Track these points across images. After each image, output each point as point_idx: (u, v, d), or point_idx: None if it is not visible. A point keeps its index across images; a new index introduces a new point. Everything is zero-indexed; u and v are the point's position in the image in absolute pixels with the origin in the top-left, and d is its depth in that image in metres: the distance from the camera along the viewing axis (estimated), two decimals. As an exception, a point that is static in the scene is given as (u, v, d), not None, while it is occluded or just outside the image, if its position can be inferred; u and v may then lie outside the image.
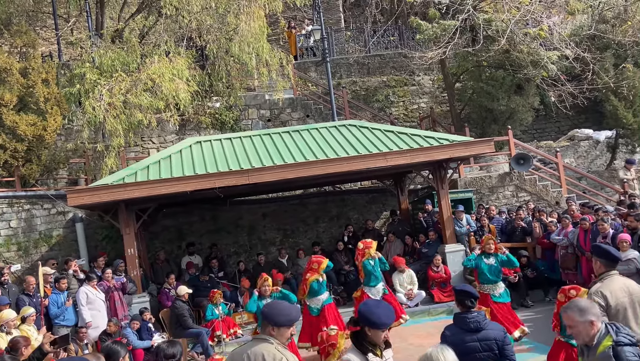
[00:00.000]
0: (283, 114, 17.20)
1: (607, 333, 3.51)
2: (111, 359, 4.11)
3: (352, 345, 3.80)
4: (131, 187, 10.15)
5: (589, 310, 3.61)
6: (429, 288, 11.76)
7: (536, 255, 12.16)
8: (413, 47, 19.50)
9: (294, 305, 4.36)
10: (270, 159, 11.11)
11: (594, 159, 17.88)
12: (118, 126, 12.49)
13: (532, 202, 14.32)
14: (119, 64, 13.77)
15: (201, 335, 9.81)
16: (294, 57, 19.43)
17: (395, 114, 19.63)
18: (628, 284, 4.57)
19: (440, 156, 11.43)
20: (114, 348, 4.29)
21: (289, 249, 14.11)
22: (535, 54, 15.45)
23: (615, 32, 17.14)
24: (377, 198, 15.69)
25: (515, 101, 16.39)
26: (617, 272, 4.66)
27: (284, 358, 3.52)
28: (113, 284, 10.17)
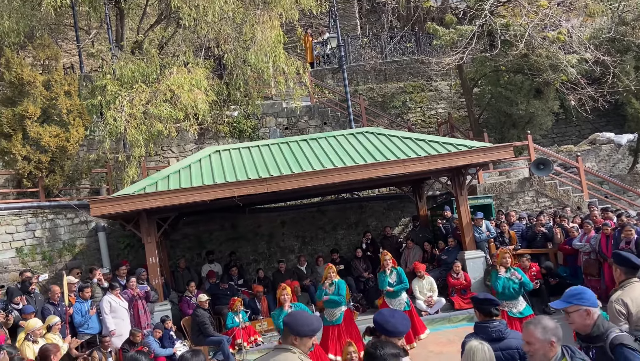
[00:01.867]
0: (300, 122, 17.30)
1: (562, 356, 3.37)
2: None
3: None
4: (152, 196, 10.29)
5: (553, 330, 3.44)
6: (449, 295, 11.70)
7: (558, 261, 12.04)
8: (430, 53, 19.50)
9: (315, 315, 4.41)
10: (288, 168, 11.18)
11: (616, 163, 17.65)
12: (139, 136, 12.67)
13: (554, 207, 14.20)
14: (139, 75, 13.97)
15: (222, 343, 9.89)
16: (311, 65, 19.55)
17: (412, 120, 19.60)
18: (650, 291, 4.52)
19: (459, 162, 11.39)
20: (138, 358, 4.37)
21: (307, 257, 14.16)
22: (554, 58, 15.32)
23: (636, 34, 16.92)
24: (395, 205, 15.68)
25: (535, 105, 16.27)
26: (637, 279, 4.62)
27: None
28: (137, 293, 10.30)
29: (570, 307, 3.72)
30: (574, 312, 3.71)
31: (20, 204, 13.05)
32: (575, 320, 3.71)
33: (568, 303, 3.73)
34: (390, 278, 9.50)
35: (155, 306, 10.71)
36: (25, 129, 13.18)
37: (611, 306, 4.55)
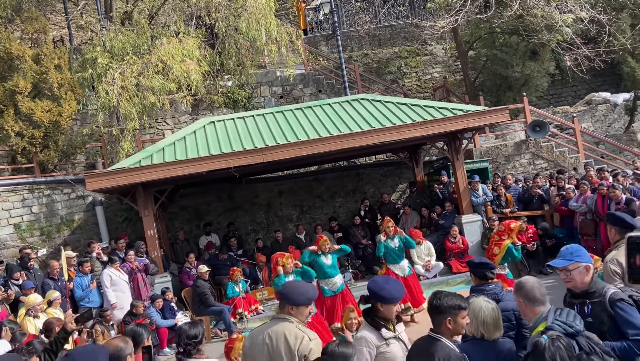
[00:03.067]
0: (295, 90, 17.14)
1: (545, 318, 3.36)
2: (136, 341, 4.23)
3: (364, 322, 3.88)
4: (148, 169, 10.26)
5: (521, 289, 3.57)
6: (447, 259, 11.80)
7: (554, 223, 12.11)
8: (424, 17, 19.20)
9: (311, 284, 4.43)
10: (283, 137, 11.12)
11: (612, 123, 17.61)
12: (132, 109, 12.57)
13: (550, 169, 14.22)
14: (130, 47, 13.79)
15: (223, 312, 10.00)
16: (304, 32, 19.27)
17: (408, 86, 19.45)
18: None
19: (455, 127, 11.34)
20: (138, 331, 4.41)
21: (306, 225, 14.21)
22: (550, 18, 15.13)
23: (632, -9, 16.70)
24: (392, 171, 15.68)
25: (530, 67, 16.14)
26: (633, 240, 4.63)
27: (305, 336, 3.58)
28: (136, 266, 10.36)
29: (571, 265, 3.75)
30: (575, 269, 3.73)
31: (16, 180, 13.00)
32: (576, 277, 3.74)
33: (569, 260, 3.76)
34: (392, 244, 9.53)
35: (156, 278, 10.79)
36: (17, 105, 13.04)
37: (606, 266, 4.58)
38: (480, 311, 3.72)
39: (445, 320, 3.43)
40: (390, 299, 3.76)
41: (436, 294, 3.57)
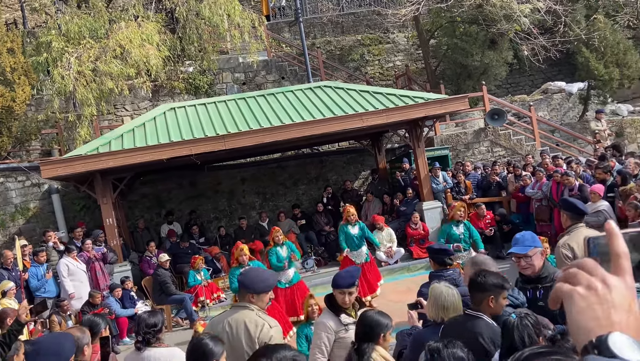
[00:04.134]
0: (258, 77, 17.01)
1: None
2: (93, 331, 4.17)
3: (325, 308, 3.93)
4: (106, 157, 10.04)
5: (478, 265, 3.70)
6: (408, 245, 11.98)
7: (511, 209, 12.42)
8: (387, 5, 19.29)
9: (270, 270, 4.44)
10: (246, 124, 11.04)
11: (567, 112, 18.11)
12: (89, 94, 12.26)
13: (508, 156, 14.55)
14: (86, 31, 13.43)
15: (184, 301, 9.92)
16: (267, 18, 19.11)
17: (370, 73, 19.53)
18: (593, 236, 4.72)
19: (416, 114, 11.47)
20: (95, 320, 4.35)
21: (269, 213, 14.19)
22: (508, 8, 15.40)
23: (587, -17, 17.13)
24: (355, 159, 15.77)
25: (489, 56, 16.41)
26: (583, 225, 4.80)
27: (266, 324, 3.58)
28: (93, 255, 10.16)
29: (531, 250, 3.87)
30: (534, 255, 3.85)
31: (-33, 168, 12.57)
32: (535, 262, 3.86)
33: (529, 247, 3.88)
34: (353, 231, 9.61)
35: (115, 267, 10.62)
36: (-33, 90, 12.56)
37: (558, 251, 4.74)
38: (441, 296, 3.80)
39: (487, 299, 3.38)
40: (335, 285, 3.84)
41: (480, 272, 3.51)
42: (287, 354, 2.25)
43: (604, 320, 0.94)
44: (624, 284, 0.96)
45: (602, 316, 0.95)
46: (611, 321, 0.94)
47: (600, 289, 0.96)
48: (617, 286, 0.96)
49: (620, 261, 0.98)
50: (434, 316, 3.85)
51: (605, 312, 0.95)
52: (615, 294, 0.95)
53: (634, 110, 18.46)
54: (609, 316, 0.94)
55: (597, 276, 0.97)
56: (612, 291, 0.95)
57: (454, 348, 2.80)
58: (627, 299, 0.96)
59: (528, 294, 3.91)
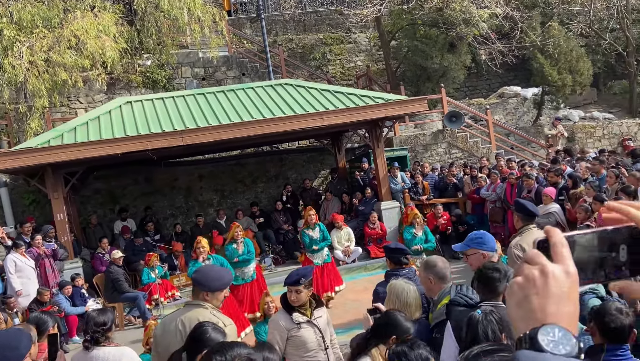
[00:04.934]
0: (218, 73, 16.80)
1: (449, 292, 3.65)
2: (40, 329, 4.02)
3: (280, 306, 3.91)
4: (57, 150, 9.72)
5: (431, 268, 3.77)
6: (366, 244, 12.05)
7: (466, 210, 12.66)
8: (349, 5, 19.37)
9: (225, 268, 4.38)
10: (205, 120, 10.88)
11: (522, 116, 18.59)
12: (41, 85, 11.86)
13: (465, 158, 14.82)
14: (40, 20, 12.98)
15: (138, 299, 9.71)
16: (228, 13, 18.87)
17: (332, 73, 19.57)
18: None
19: (376, 115, 11.54)
20: (43, 318, 4.20)
21: (227, 210, 14.04)
22: (467, 12, 15.70)
23: (542, -10, 17.62)
24: (315, 157, 15.76)
25: (448, 59, 16.69)
26: (534, 226, 4.92)
27: (220, 322, 3.53)
28: (43, 251, 9.83)
29: (468, 250, 3.95)
30: (472, 255, 3.94)
31: None
32: (473, 262, 3.95)
33: (467, 246, 3.97)
34: (313, 234, 9.61)
35: (65, 264, 10.30)
36: None
37: (510, 251, 4.85)
38: (403, 292, 3.80)
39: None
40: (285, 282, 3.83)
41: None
42: (242, 352, 2.21)
43: (538, 312, 0.93)
44: (563, 270, 0.95)
45: (537, 308, 0.94)
46: (545, 313, 0.93)
47: (537, 278, 0.95)
48: (555, 274, 0.95)
49: (557, 248, 0.97)
50: None
51: (541, 303, 0.94)
52: (552, 282, 0.94)
53: (585, 116, 19.12)
54: (544, 307, 0.93)
55: (536, 265, 0.96)
56: (549, 280, 0.94)
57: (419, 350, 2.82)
58: (565, 287, 0.94)
59: None
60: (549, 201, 8.48)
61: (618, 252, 1.04)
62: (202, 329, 3.04)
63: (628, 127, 18.34)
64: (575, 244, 1.01)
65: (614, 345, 2.92)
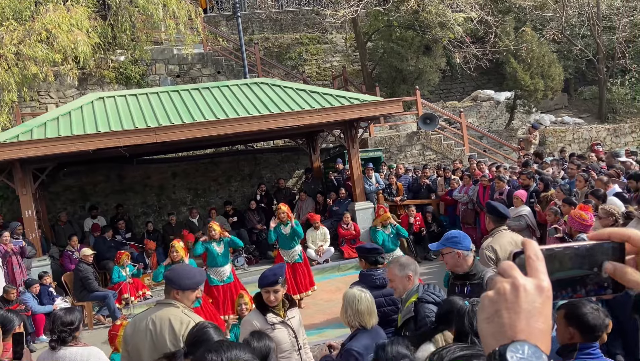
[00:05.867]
0: (193, 70, 16.64)
1: (417, 290, 3.75)
2: (5, 328, 3.91)
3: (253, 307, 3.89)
4: (26, 145, 9.51)
5: (409, 265, 3.85)
6: (339, 244, 12.08)
7: (440, 211, 12.79)
8: (326, 5, 19.39)
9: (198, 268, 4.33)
10: (179, 117, 10.77)
11: (495, 119, 18.86)
12: (10, 79, 11.59)
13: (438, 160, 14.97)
14: (10, 12, 12.69)
15: (107, 298, 9.56)
16: (204, 10, 18.73)
17: (308, 73, 19.56)
18: (516, 238, 4.93)
19: (351, 115, 11.58)
20: (8, 317, 4.08)
21: (200, 209, 13.92)
22: (443, 16, 15.87)
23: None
24: (289, 157, 15.74)
25: (424, 61, 16.83)
26: (506, 228, 4.99)
27: (191, 321, 3.49)
28: (11, 248, 9.60)
29: (444, 249, 4.00)
30: (447, 253, 4.00)
31: None
32: (448, 260, 4.02)
33: (443, 245, 4.02)
34: (284, 230, 9.58)
35: (33, 261, 10.07)
36: None
37: (482, 253, 4.91)
38: (354, 301, 3.74)
39: None
40: (259, 284, 3.82)
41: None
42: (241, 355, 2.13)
43: (508, 328, 0.90)
44: (535, 285, 0.92)
45: (507, 323, 0.90)
46: (515, 330, 0.89)
47: (508, 292, 0.91)
48: (526, 288, 0.91)
49: (531, 261, 0.94)
50: (349, 322, 3.78)
51: (511, 318, 0.90)
52: (523, 297, 0.90)
53: (556, 120, 19.49)
54: (514, 323, 0.89)
55: (508, 278, 0.93)
56: (519, 294, 0.90)
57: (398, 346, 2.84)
58: (537, 303, 0.91)
59: (456, 290, 4.05)
60: (519, 204, 8.62)
61: (600, 269, 0.99)
62: (203, 330, 3.01)
63: (597, 132, 18.77)
64: (554, 258, 0.98)
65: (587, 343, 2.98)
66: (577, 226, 5.64)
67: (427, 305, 3.61)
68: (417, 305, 3.61)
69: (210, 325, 3.12)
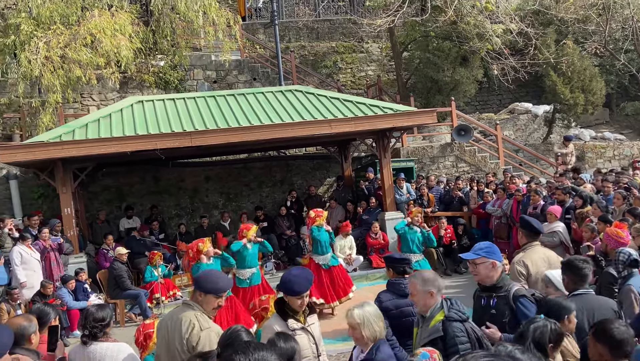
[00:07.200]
0: (229, 76, 16.91)
1: (441, 307, 3.62)
2: (41, 321, 4.06)
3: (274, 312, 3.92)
4: (68, 145, 9.82)
5: (432, 281, 3.72)
6: (368, 253, 12.05)
7: (471, 224, 12.64)
8: (363, 14, 19.45)
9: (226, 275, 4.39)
10: (214, 122, 10.96)
11: (532, 133, 18.56)
12: (55, 81, 11.98)
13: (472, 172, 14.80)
14: (58, 16, 13.13)
15: (139, 297, 9.76)
16: (243, 18, 19.02)
17: (342, 81, 19.63)
18: (548, 255, 4.86)
19: (384, 125, 11.58)
20: (45, 310, 4.24)
21: (231, 213, 14.10)
22: (481, 27, 15.73)
23: (559, 8, 17.62)
24: (321, 165, 15.80)
25: (460, 72, 16.71)
26: (538, 243, 4.93)
27: (197, 326, 3.58)
28: (49, 245, 9.91)
29: (478, 259, 3.97)
30: (481, 264, 3.96)
31: None
32: (481, 271, 3.97)
33: (477, 255, 3.99)
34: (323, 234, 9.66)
35: (70, 258, 10.38)
36: None
37: (513, 267, 4.86)
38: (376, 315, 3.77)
39: None
40: (291, 291, 3.81)
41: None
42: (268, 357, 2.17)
43: None
44: None
45: None
46: None
47: None
48: None
49: None
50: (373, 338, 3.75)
51: None
52: None
53: (596, 136, 19.06)
54: None
55: None
56: None
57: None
58: None
59: (482, 302, 4.02)
60: (553, 220, 8.45)
61: None
62: (236, 333, 3.09)
63: (639, 149, 18.26)
64: None
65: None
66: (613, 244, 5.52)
67: (455, 323, 3.53)
68: (445, 324, 3.56)
69: (242, 329, 3.20)
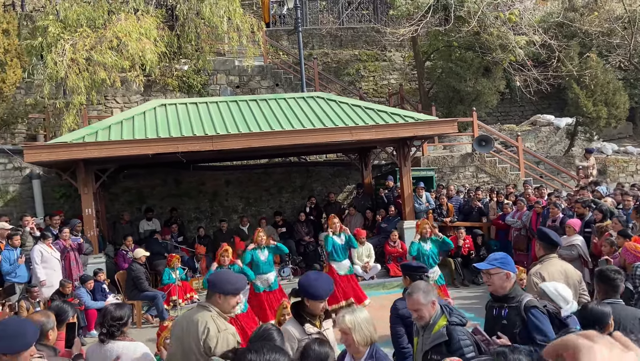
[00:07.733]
0: (252, 82, 17.04)
1: (442, 313, 3.68)
2: (60, 318, 4.13)
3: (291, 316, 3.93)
4: (91, 146, 9.98)
5: (431, 290, 3.76)
6: (386, 262, 12.01)
7: (490, 235, 12.52)
8: (386, 23, 19.45)
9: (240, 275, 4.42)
10: (235, 127, 11.04)
11: (553, 145, 18.35)
12: (80, 83, 12.19)
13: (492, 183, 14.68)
14: (84, 19, 13.39)
15: (157, 298, 9.84)
16: (267, 24, 19.17)
17: (364, 89, 19.65)
18: (566, 267, 4.81)
19: (405, 133, 11.56)
20: (63, 307, 4.31)
21: (250, 218, 14.16)
22: (504, 38, 15.64)
23: (583, 21, 17.45)
24: (341, 171, 15.81)
25: (482, 83, 16.61)
26: (556, 255, 4.87)
27: (213, 328, 3.59)
28: (69, 244, 10.06)
29: (492, 269, 3.95)
30: (495, 274, 3.93)
31: (-51, 145, 12.40)
32: (495, 281, 3.95)
33: (491, 265, 3.97)
34: (339, 240, 9.68)
35: (89, 258, 10.51)
36: (-43, 67, 12.44)
37: (529, 279, 4.81)
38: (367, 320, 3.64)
39: None
40: (316, 296, 3.81)
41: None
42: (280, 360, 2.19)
43: None
44: None
45: None
46: None
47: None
48: None
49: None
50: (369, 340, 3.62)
51: None
52: None
53: (619, 150, 18.77)
54: None
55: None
56: None
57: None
58: None
59: (494, 312, 3.99)
60: (572, 233, 8.35)
61: None
62: (268, 331, 3.11)
63: (663, 164, 17.93)
64: None
65: None
66: (631, 259, 5.44)
67: (458, 327, 3.58)
68: (449, 329, 3.58)
69: (274, 328, 3.21)
